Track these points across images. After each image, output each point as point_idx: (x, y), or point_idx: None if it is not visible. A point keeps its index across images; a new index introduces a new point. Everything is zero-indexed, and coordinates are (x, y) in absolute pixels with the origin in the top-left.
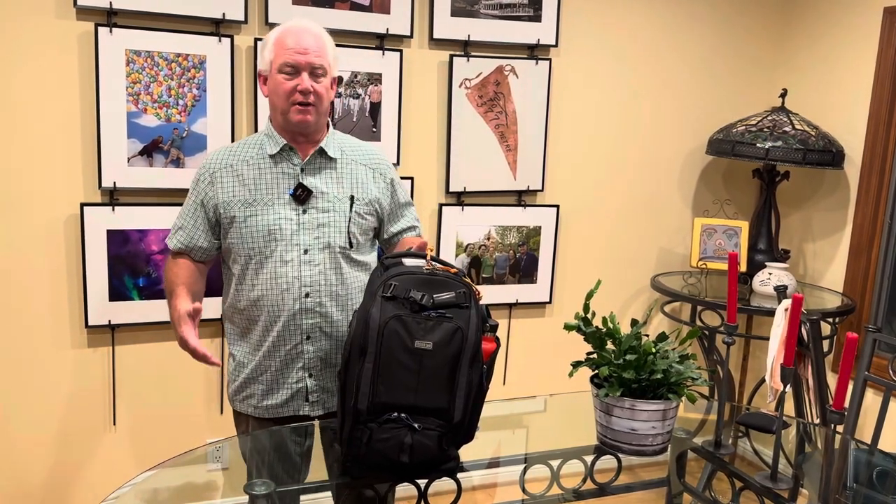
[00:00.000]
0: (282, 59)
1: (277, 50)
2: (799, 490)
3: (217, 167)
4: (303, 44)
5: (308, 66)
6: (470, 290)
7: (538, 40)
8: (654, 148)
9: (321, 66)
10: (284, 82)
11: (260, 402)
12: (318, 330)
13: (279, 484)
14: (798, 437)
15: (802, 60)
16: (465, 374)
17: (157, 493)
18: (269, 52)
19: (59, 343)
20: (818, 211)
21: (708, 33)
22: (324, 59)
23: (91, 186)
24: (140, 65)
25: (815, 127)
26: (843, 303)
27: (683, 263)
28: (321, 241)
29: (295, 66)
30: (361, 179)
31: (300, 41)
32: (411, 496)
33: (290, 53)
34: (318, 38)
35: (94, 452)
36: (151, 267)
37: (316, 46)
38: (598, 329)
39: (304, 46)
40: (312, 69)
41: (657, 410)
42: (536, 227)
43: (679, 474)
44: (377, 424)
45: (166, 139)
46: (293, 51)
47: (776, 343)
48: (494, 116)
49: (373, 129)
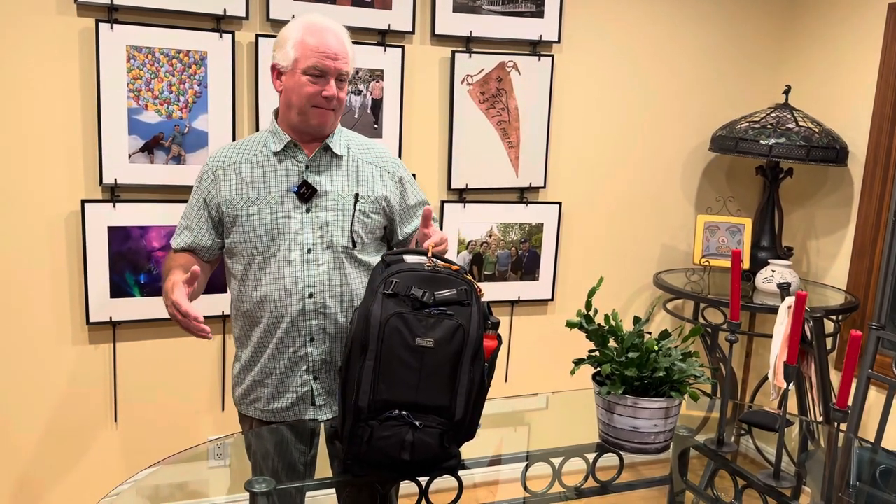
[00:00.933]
0: (311, 62)
1: (304, 50)
2: (801, 488)
3: (220, 165)
4: (333, 48)
5: (336, 72)
6: (472, 288)
7: (540, 36)
8: (656, 145)
9: (347, 72)
10: (309, 84)
11: (266, 405)
12: (322, 332)
13: (282, 482)
14: (801, 435)
15: (806, 57)
16: (466, 371)
17: (158, 489)
18: (292, 48)
19: (61, 340)
20: (821, 208)
21: (711, 29)
22: (350, 66)
23: (92, 183)
24: (141, 61)
25: (818, 123)
26: (846, 300)
27: (686, 261)
28: (325, 240)
29: (324, 71)
30: (367, 177)
31: (330, 45)
32: (412, 493)
33: (320, 57)
34: (343, 40)
35: (95, 449)
36: (153, 264)
37: (344, 51)
38: (601, 326)
39: (334, 51)
40: (339, 75)
41: (660, 408)
42: (538, 224)
43: (681, 472)
44: (378, 422)
45: (167, 136)
46: (324, 55)
47: (779, 341)
48: (496, 113)
49: (374, 126)
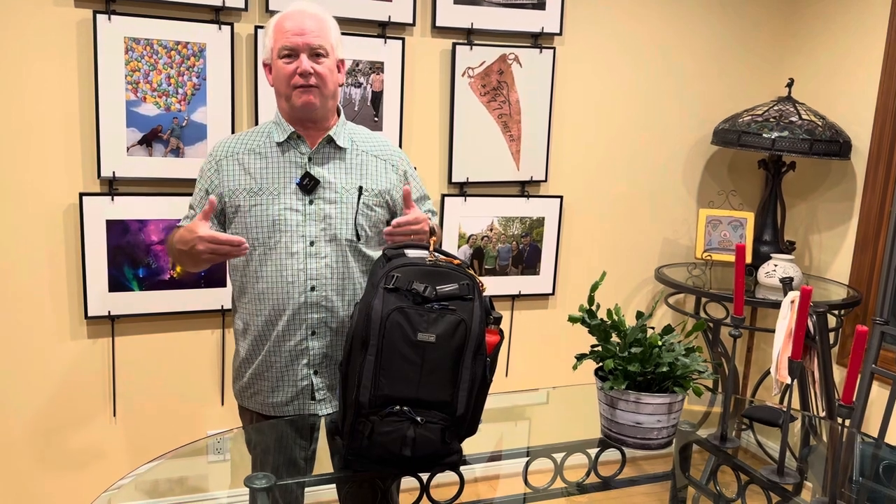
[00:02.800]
0: (280, 43)
1: (276, 35)
2: (804, 483)
3: (223, 155)
4: (300, 26)
5: (307, 47)
6: (473, 282)
7: (542, 28)
8: (658, 138)
9: (321, 45)
10: (285, 66)
11: (265, 399)
12: (324, 325)
13: (282, 477)
14: (803, 430)
15: (809, 50)
16: (468, 366)
17: (157, 484)
18: (269, 38)
19: (59, 334)
20: (824, 202)
21: (714, 22)
22: (324, 40)
23: (90, 176)
24: (139, 53)
25: (821, 117)
26: (848, 295)
27: (688, 255)
28: (328, 232)
29: (293, 48)
30: (371, 170)
31: (298, 24)
32: (413, 489)
33: (287, 36)
34: (318, 18)
35: (93, 444)
36: (151, 257)
37: (315, 27)
38: (603, 321)
39: (301, 28)
40: (312, 50)
41: (662, 404)
42: (540, 217)
43: (683, 468)
44: (379, 418)
45: (166, 128)
46: (291, 33)
47: (782, 335)
48: (497, 106)
49: (374, 119)
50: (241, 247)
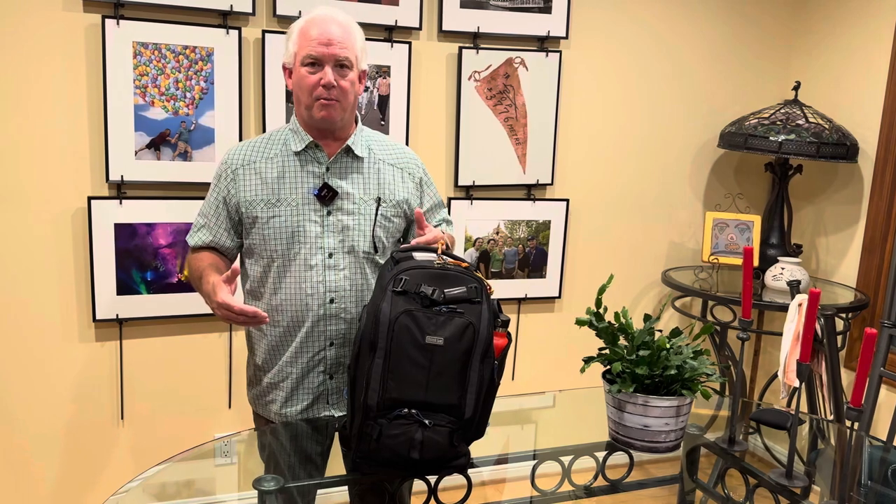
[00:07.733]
0: (305, 51)
1: (301, 41)
2: (812, 487)
3: (239, 163)
4: (327, 35)
5: (332, 58)
6: (482, 285)
7: (548, 32)
8: (665, 141)
9: (346, 58)
10: (307, 76)
11: (280, 408)
12: (342, 336)
13: (291, 480)
14: (811, 433)
15: (816, 53)
16: (476, 369)
17: (165, 487)
18: (293, 43)
19: (67, 337)
20: (831, 205)
21: (720, 25)
22: (350, 52)
23: (98, 180)
24: (147, 57)
25: (828, 120)
26: (856, 298)
27: (695, 258)
28: (346, 244)
29: (318, 58)
30: (388, 180)
31: (325, 32)
32: (421, 491)
33: (313, 45)
34: (345, 27)
35: (102, 447)
36: (159, 261)
37: (342, 37)
38: (611, 324)
39: (328, 37)
40: (337, 62)
41: (671, 407)
42: (546, 221)
43: (690, 471)
44: (387, 420)
45: (174, 132)
46: (317, 42)
47: (790, 338)
48: (504, 109)
49: (381, 122)
50: (256, 318)
